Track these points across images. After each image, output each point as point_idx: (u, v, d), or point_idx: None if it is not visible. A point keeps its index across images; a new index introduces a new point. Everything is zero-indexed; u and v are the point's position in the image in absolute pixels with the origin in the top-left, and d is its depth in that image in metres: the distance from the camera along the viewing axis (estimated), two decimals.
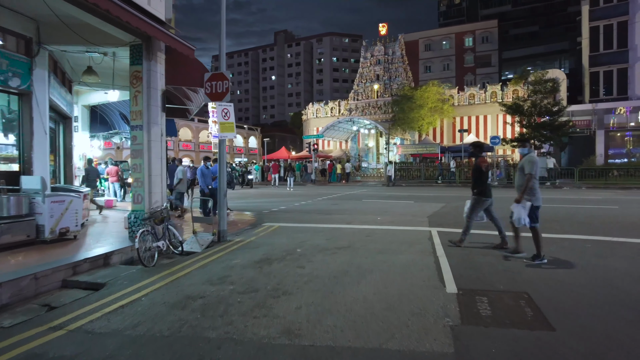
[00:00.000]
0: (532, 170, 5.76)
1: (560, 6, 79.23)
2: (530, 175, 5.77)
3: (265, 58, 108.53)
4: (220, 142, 8.50)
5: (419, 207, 13.39)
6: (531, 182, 5.74)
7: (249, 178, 26.79)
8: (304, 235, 8.51)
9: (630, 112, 29.60)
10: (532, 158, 5.89)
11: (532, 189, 5.76)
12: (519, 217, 5.73)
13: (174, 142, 49.06)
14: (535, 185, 5.80)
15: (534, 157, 5.91)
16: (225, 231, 8.41)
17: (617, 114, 29.98)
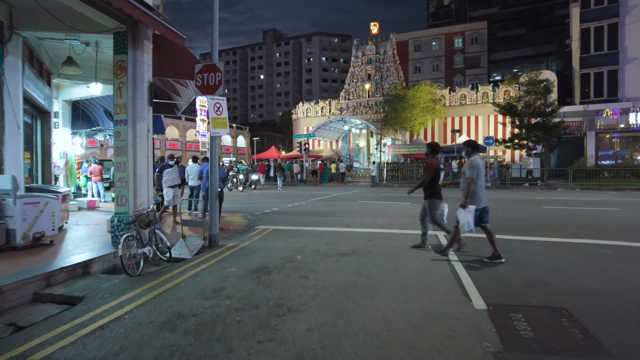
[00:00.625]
0: (473, 174, 5.78)
1: (546, 9, 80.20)
2: (472, 179, 5.80)
3: (253, 57, 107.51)
4: (212, 139, 7.87)
5: (416, 208, 12.85)
6: (473, 186, 5.78)
7: (252, 179, 25.58)
8: (302, 240, 7.94)
9: (621, 114, 29.67)
10: (473, 162, 5.88)
11: (474, 192, 5.82)
12: (465, 222, 5.75)
13: (160, 140, 48.00)
14: (477, 188, 5.84)
15: (475, 161, 5.89)
16: (217, 235, 7.79)
17: (604, 116, 30.04)
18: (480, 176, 5.87)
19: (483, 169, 5.97)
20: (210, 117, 7.63)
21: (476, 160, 5.88)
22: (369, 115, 37.83)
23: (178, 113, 12.51)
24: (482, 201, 5.88)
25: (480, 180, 5.89)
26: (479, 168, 5.84)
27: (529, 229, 8.82)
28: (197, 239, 7.66)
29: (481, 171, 5.89)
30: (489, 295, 4.36)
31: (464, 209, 5.77)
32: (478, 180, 5.84)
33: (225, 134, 7.91)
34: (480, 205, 5.86)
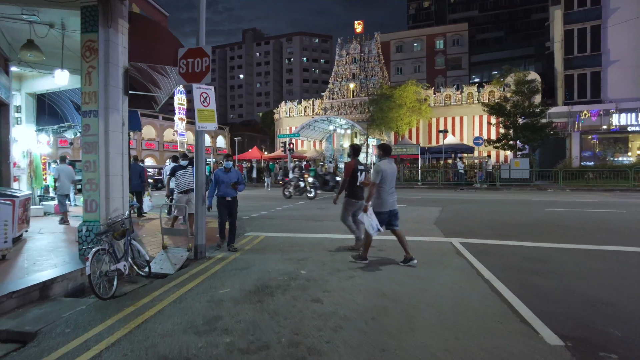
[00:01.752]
0: (377, 179, 5.88)
1: (523, 13, 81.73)
2: (373, 183, 5.91)
3: (233, 56, 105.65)
4: (197, 135, 6.84)
5: (416, 211, 12.13)
6: (373, 190, 5.90)
7: None
8: (301, 250, 6.99)
9: (604, 115, 29.81)
10: (378, 167, 5.96)
11: (379, 196, 5.93)
12: (370, 224, 5.80)
13: (136, 140, 46.15)
14: (382, 192, 5.92)
15: (379, 166, 5.95)
16: (203, 246, 6.77)
17: (582, 118, 30.13)
18: (385, 180, 5.90)
19: (390, 174, 5.99)
20: (196, 108, 6.61)
21: (381, 165, 5.93)
22: (354, 115, 37.08)
23: (157, 108, 11.37)
24: (388, 204, 5.94)
25: (386, 184, 5.92)
26: (384, 173, 5.87)
27: (546, 233, 8.11)
28: (180, 250, 6.62)
29: (387, 175, 5.92)
30: (555, 324, 3.53)
31: (366, 213, 5.85)
32: (384, 185, 5.90)
33: (213, 128, 6.90)
34: (386, 208, 5.93)
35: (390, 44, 62.91)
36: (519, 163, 24.10)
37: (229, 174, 7.24)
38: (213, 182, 7.20)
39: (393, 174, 6.05)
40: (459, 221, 10.03)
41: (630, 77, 29.57)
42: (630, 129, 29.28)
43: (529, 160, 24.00)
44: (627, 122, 29.07)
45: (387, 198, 5.97)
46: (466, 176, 25.51)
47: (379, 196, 5.94)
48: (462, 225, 9.31)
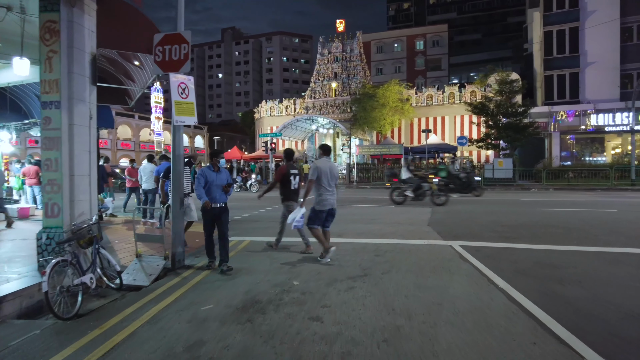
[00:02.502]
0: (313, 176, 5.97)
1: (500, 16, 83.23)
2: (311, 180, 5.99)
3: (211, 55, 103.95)
4: (175, 130, 6.16)
5: (405, 212, 11.67)
6: (311, 186, 6.00)
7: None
8: (291, 256, 6.39)
9: (582, 116, 30.21)
10: (314, 165, 6.05)
11: (318, 194, 6.03)
12: (293, 218, 6.05)
13: (111, 140, 44.52)
14: (321, 190, 6.01)
15: (316, 164, 6.05)
16: (182, 254, 6.09)
17: (558, 119, 30.48)
18: (323, 178, 5.96)
19: (328, 172, 6.02)
20: (174, 100, 5.93)
21: (317, 163, 6.04)
22: (336, 114, 36.61)
23: (131, 103, 10.56)
24: (329, 203, 6.03)
25: (324, 182, 5.98)
26: (320, 170, 5.95)
27: (548, 235, 7.74)
28: (156, 259, 5.93)
29: (324, 173, 5.98)
30: (598, 344, 3.04)
31: (301, 209, 6.11)
32: (322, 183, 5.97)
33: (193, 122, 6.22)
34: (326, 207, 6.02)
35: (371, 44, 62.86)
36: (503, 163, 24.08)
37: (220, 174, 5.86)
38: (200, 182, 5.70)
39: (332, 172, 6.09)
40: (454, 222, 9.59)
41: (606, 78, 30.07)
42: (607, 129, 29.74)
43: (512, 160, 23.98)
44: (604, 122, 29.51)
45: (327, 197, 6.01)
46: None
47: (320, 194, 6.01)
48: (458, 227, 8.88)
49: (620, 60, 30.06)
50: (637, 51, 30.06)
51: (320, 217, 6.04)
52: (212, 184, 5.76)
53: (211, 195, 5.74)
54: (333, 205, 6.09)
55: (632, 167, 22.31)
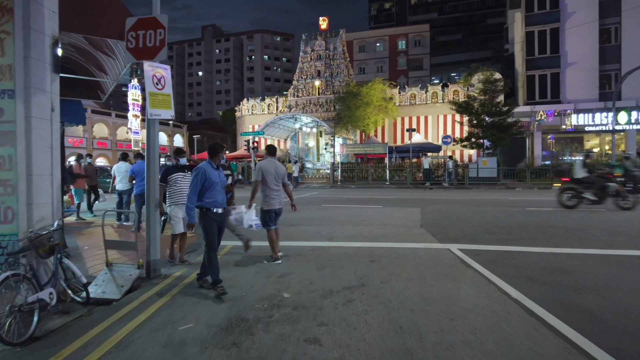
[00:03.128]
0: (258, 176, 6.01)
1: (480, 17, 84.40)
2: (256, 181, 6.03)
3: (191, 53, 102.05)
4: (149, 124, 5.54)
5: (395, 213, 11.27)
6: (257, 187, 6.02)
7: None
8: (280, 264, 5.86)
9: (563, 115, 30.53)
10: (259, 166, 6.09)
11: (264, 194, 6.04)
12: (247, 220, 5.93)
13: (86, 139, 42.97)
14: (267, 191, 6.01)
15: (260, 165, 6.08)
16: (158, 261, 5.49)
17: (537, 119, 30.75)
18: (267, 179, 5.98)
19: (273, 172, 6.03)
20: (148, 91, 5.33)
21: (261, 164, 6.07)
22: (320, 113, 36.11)
23: (104, 98, 9.80)
24: (274, 203, 6.03)
25: (270, 183, 5.99)
26: (264, 171, 5.97)
27: (547, 236, 7.41)
28: (129, 268, 5.31)
29: (269, 174, 5.98)
30: None
31: (249, 210, 5.96)
32: (268, 183, 5.98)
33: (169, 116, 5.63)
34: (273, 207, 6.04)
35: (353, 43, 62.68)
36: (487, 162, 24.01)
37: (220, 171, 4.95)
38: (197, 183, 4.66)
39: (277, 172, 6.07)
40: (447, 223, 9.21)
41: (586, 79, 30.48)
42: (587, 129, 30.14)
43: (496, 159, 23.93)
44: (584, 122, 29.89)
45: (274, 196, 6.03)
46: (434, 174, 25.09)
47: (266, 195, 6.02)
48: (452, 228, 8.49)
49: (599, 61, 30.51)
50: (615, 52, 30.56)
51: (271, 218, 6.05)
52: (214, 185, 4.76)
53: (214, 199, 4.75)
54: (280, 205, 6.10)
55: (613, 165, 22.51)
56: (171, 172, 6.25)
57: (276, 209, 6.06)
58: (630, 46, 29.75)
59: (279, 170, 6.13)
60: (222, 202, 4.89)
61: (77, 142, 41.78)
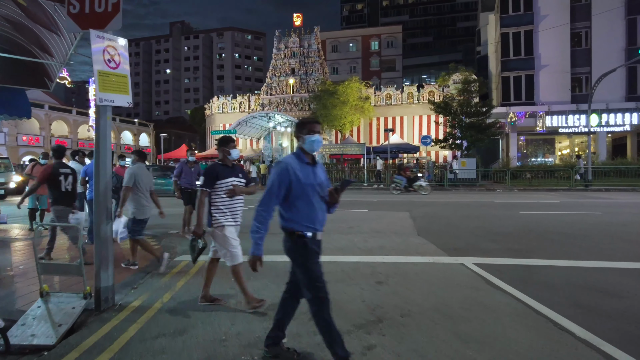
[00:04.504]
0: (129, 182, 5.55)
1: (450, 21, 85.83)
2: (126, 187, 5.55)
3: (159, 50, 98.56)
4: (99, 112, 4.31)
5: (383, 218, 10.34)
6: (128, 194, 5.58)
7: None
8: (264, 285, 4.77)
9: (536, 117, 30.70)
10: (130, 170, 5.66)
11: (137, 202, 5.64)
12: (115, 230, 5.49)
13: (44, 137, 40.11)
14: (140, 199, 5.65)
15: (132, 170, 5.65)
16: (110, 288, 4.28)
17: (508, 120, 30.86)
18: (140, 186, 5.63)
19: (144, 179, 5.69)
20: (97, 70, 4.11)
21: (134, 169, 5.66)
22: (294, 112, 34.98)
23: (51, 86, 8.38)
24: (147, 211, 5.71)
25: (143, 190, 5.66)
26: (137, 177, 5.60)
27: (559, 246, 6.65)
28: (71, 298, 4.08)
29: (142, 180, 5.64)
30: None
31: (118, 218, 5.71)
32: (141, 191, 5.64)
33: (127, 103, 4.42)
34: (146, 215, 5.72)
35: (326, 43, 62.01)
36: (466, 163, 23.58)
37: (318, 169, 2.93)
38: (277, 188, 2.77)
39: (148, 179, 5.78)
40: (445, 230, 8.34)
41: (558, 81, 30.81)
42: (561, 131, 30.42)
43: (475, 160, 23.55)
44: (558, 124, 30.15)
45: (146, 204, 5.71)
46: (383, 175, 24.48)
47: (138, 202, 5.65)
48: (452, 237, 7.60)
49: (570, 64, 30.90)
50: (585, 56, 31.02)
51: (142, 227, 5.72)
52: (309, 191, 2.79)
53: (311, 215, 2.83)
54: (150, 212, 5.77)
55: (589, 168, 22.57)
56: (223, 173, 4.07)
57: (148, 218, 5.77)
58: (600, 50, 30.26)
59: (150, 177, 5.89)
60: (323, 221, 2.96)
61: (32, 140, 38.90)
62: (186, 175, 8.36)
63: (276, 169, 2.82)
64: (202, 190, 4.02)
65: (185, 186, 8.43)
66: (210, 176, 4.01)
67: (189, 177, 8.40)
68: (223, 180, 4.04)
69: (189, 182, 8.38)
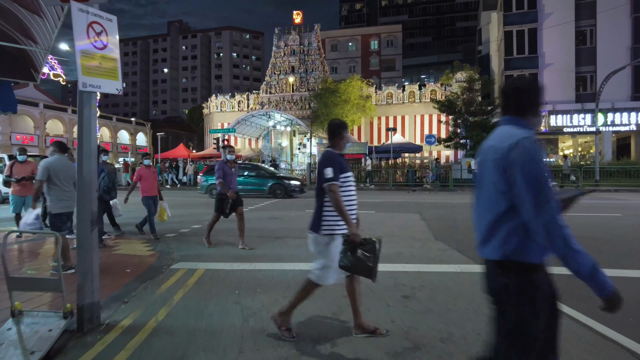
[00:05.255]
0: (43, 176, 5.34)
1: (449, 21, 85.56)
2: (39, 181, 5.40)
3: (156, 49, 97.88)
4: (81, 100, 3.67)
5: (393, 220, 9.75)
6: (41, 187, 5.40)
7: None
8: (274, 300, 4.15)
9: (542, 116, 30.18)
10: (44, 163, 5.43)
11: (53, 195, 5.42)
12: (24, 222, 5.30)
13: (38, 136, 39.36)
14: (56, 191, 5.43)
15: (46, 162, 5.43)
16: (96, 305, 3.66)
17: None
18: (55, 179, 5.41)
19: (64, 171, 5.51)
20: (79, 50, 3.49)
21: (49, 161, 5.47)
22: (294, 111, 34.33)
23: (37, 78, 7.74)
24: (67, 205, 5.52)
25: (59, 183, 5.43)
26: (51, 170, 5.38)
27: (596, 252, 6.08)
28: (48, 318, 3.46)
29: (59, 173, 5.43)
30: None
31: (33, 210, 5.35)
32: (58, 184, 5.42)
33: (115, 90, 3.80)
34: (65, 209, 5.52)
35: (325, 42, 61.46)
36: (470, 163, 23.02)
37: None
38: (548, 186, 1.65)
39: (68, 172, 5.53)
40: (463, 234, 7.72)
41: (563, 80, 30.32)
42: (565, 130, 29.96)
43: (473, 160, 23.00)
44: (562, 123, 29.68)
45: (66, 198, 5.52)
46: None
47: (56, 196, 5.44)
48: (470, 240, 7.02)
49: (575, 63, 30.41)
50: (590, 54, 30.56)
51: (64, 221, 5.51)
52: None
53: None
54: (73, 206, 5.47)
55: (597, 168, 22.07)
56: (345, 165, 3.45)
57: (70, 212, 5.53)
58: (605, 48, 29.78)
59: (70, 170, 5.55)
60: None
61: (25, 139, 38.14)
62: (228, 177, 6.88)
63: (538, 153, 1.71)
64: (334, 184, 3.07)
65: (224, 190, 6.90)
66: (340, 166, 3.14)
67: (231, 180, 6.93)
68: (346, 174, 3.21)
69: (229, 185, 6.89)
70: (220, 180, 6.79)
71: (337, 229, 3.16)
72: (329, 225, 3.17)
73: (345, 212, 3.03)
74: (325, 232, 3.16)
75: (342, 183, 3.15)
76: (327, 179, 3.10)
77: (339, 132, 3.30)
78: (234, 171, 7.01)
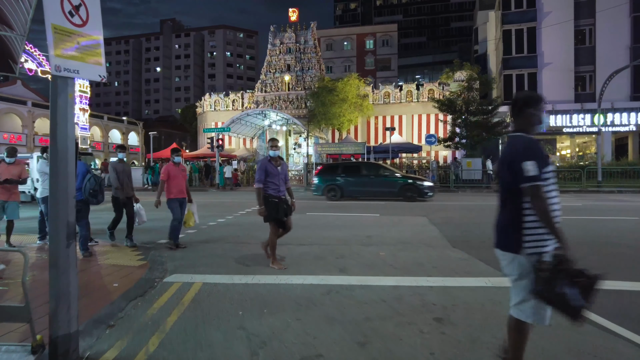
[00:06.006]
0: None
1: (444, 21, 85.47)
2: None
3: (149, 47, 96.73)
4: (56, 87, 3.04)
5: (400, 224, 9.18)
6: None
7: None
8: (285, 324, 3.53)
9: None
10: None
11: None
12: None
13: (26, 135, 38.32)
14: None
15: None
16: (73, 336, 3.02)
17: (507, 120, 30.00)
18: None
19: None
20: (51, 25, 2.86)
21: None
22: (290, 110, 33.66)
23: (16, 69, 7.05)
24: None
25: None
26: None
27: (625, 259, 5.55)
28: (12, 353, 2.84)
29: None
30: None
31: None
32: None
33: (98, 77, 3.18)
34: None
35: (320, 41, 60.83)
36: (471, 163, 22.55)
37: None
38: None
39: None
40: (480, 240, 7.16)
41: (562, 79, 30.01)
42: (565, 130, 29.62)
43: (481, 160, 22.52)
44: (562, 123, 29.34)
45: None
46: None
47: None
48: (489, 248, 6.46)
49: (574, 62, 30.09)
50: (589, 54, 30.25)
51: None
52: None
53: None
54: None
55: (599, 169, 21.69)
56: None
57: None
58: (605, 48, 29.50)
59: None
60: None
61: (14, 138, 37.07)
62: (273, 179, 5.51)
63: None
64: (539, 186, 2.24)
65: (270, 193, 5.49)
66: (543, 159, 2.32)
67: (277, 181, 5.54)
68: (548, 168, 2.33)
69: (277, 189, 5.54)
70: (260, 185, 5.45)
71: (546, 245, 2.29)
72: (534, 240, 2.31)
73: (555, 224, 2.24)
74: (531, 251, 2.31)
75: (545, 181, 2.30)
76: (528, 178, 2.26)
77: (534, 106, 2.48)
78: (281, 170, 5.63)
